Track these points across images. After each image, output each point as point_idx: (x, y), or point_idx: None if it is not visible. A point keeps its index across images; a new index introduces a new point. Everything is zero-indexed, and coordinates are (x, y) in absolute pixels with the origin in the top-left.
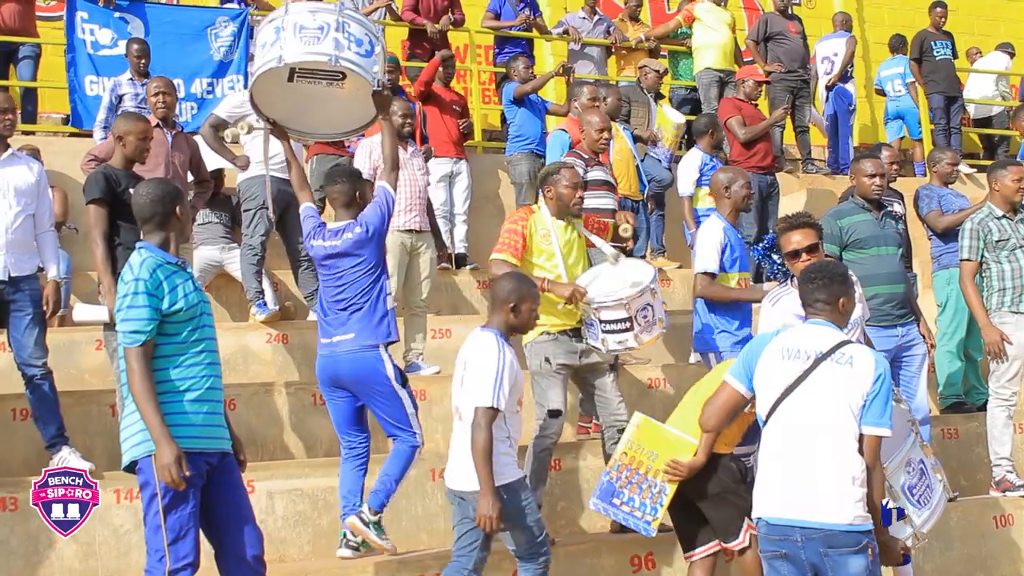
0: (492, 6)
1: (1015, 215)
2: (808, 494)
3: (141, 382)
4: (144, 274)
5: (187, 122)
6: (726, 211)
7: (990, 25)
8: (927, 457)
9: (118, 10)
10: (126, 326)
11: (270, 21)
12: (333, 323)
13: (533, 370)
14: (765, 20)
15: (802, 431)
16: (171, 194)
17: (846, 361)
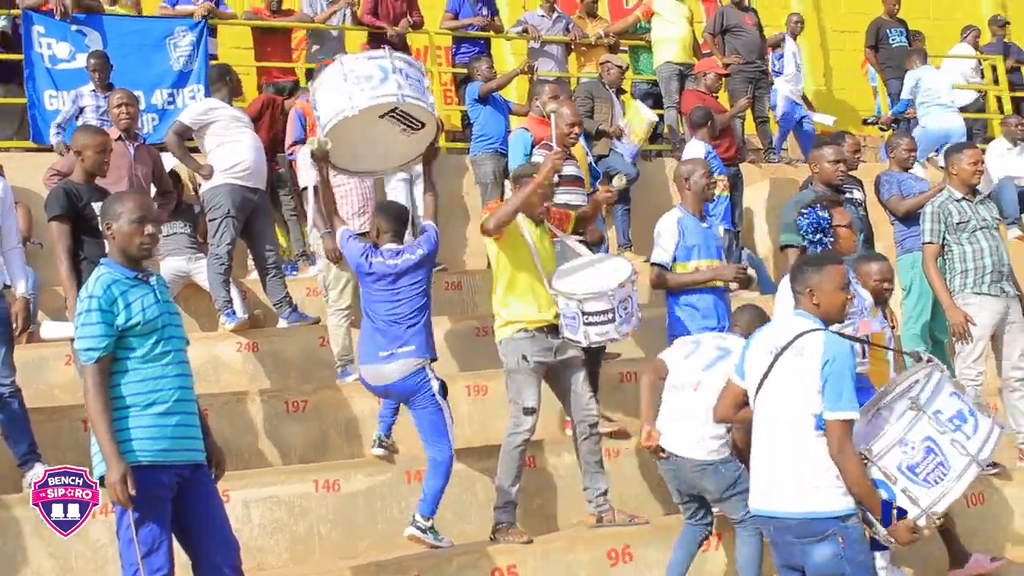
0: (450, 6)
1: (974, 197)
2: (771, 485)
3: (95, 400)
4: (98, 291)
5: (149, 133)
6: (688, 202)
7: (945, 11)
8: (944, 432)
9: (75, 23)
10: (81, 343)
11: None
12: (388, 336)
13: (510, 367)
14: (721, 13)
15: (767, 424)
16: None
17: (798, 352)
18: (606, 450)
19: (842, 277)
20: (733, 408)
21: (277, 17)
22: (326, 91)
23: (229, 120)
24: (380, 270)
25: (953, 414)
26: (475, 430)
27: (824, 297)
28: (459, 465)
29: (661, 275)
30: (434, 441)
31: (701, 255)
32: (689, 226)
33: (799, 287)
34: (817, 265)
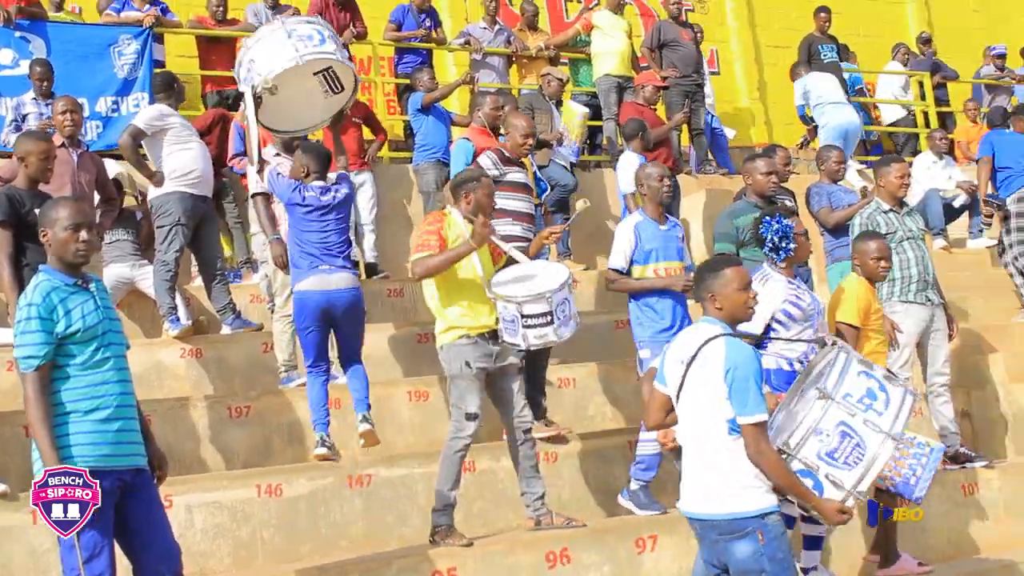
0: (394, 17)
1: (901, 208)
2: (692, 488)
3: (35, 407)
4: (37, 299)
5: (93, 141)
6: (646, 205)
7: (873, 27)
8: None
9: (19, 29)
10: (20, 351)
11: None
12: (326, 262)
13: (452, 373)
14: (659, 28)
15: (684, 432)
16: (41, 216)
17: (704, 363)
18: (545, 454)
19: (742, 278)
20: (662, 413)
21: (222, 26)
22: (268, 45)
23: (180, 128)
24: (313, 202)
25: (863, 394)
26: (416, 435)
27: (725, 300)
28: (400, 470)
29: (616, 279)
30: (357, 356)
31: (659, 258)
32: (647, 230)
33: (701, 293)
34: (714, 270)
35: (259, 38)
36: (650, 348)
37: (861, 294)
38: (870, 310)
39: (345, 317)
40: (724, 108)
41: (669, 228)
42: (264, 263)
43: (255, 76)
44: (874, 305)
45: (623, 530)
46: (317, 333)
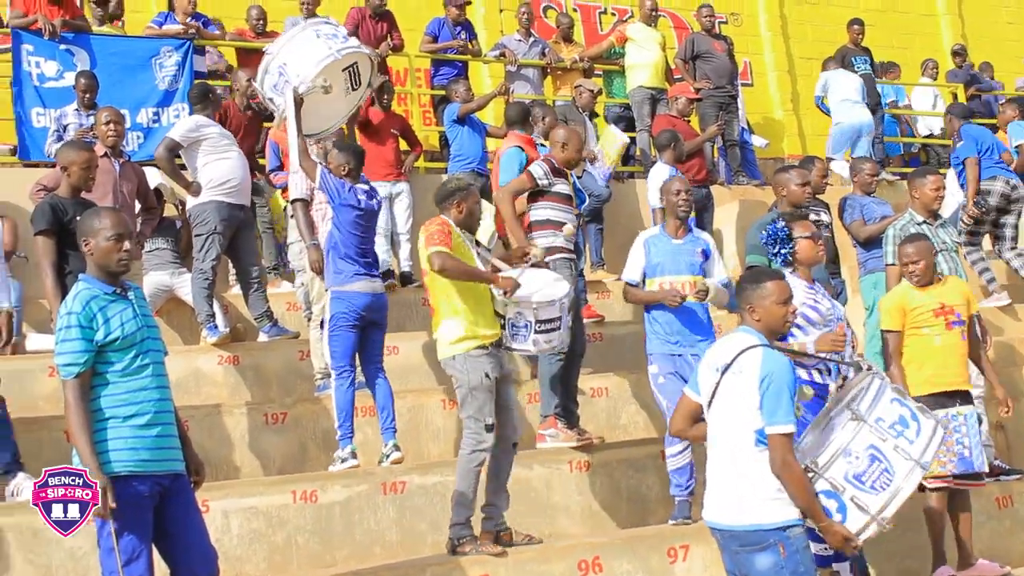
0: (429, 29)
1: (935, 220)
2: (715, 498)
3: (75, 414)
4: (77, 307)
5: (133, 151)
6: (667, 218)
7: (905, 39)
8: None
9: (63, 42)
10: (60, 359)
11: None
12: (366, 267)
13: (472, 384)
14: (692, 40)
15: (713, 441)
16: (81, 227)
17: (739, 371)
18: (578, 463)
19: (782, 291)
20: (687, 422)
21: (261, 38)
22: (299, 47)
23: (218, 137)
24: (366, 207)
25: (895, 420)
26: (449, 443)
27: (764, 312)
28: (435, 477)
29: (625, 290)
30: (380, 365)
31: (665, 272)
32: (658, 244)
33: (741, 304)
34: (755, 282)
35: (285, 42)
36: (657, 363)
37: (896, 296)
38: (907, 308)
39: (381, 321)
40: (757, 119)
41: (685, 242)
42: (301, 271)
43: (293, 77)
44: (915, 301)
45: (655, 539)
46: (354, 335)
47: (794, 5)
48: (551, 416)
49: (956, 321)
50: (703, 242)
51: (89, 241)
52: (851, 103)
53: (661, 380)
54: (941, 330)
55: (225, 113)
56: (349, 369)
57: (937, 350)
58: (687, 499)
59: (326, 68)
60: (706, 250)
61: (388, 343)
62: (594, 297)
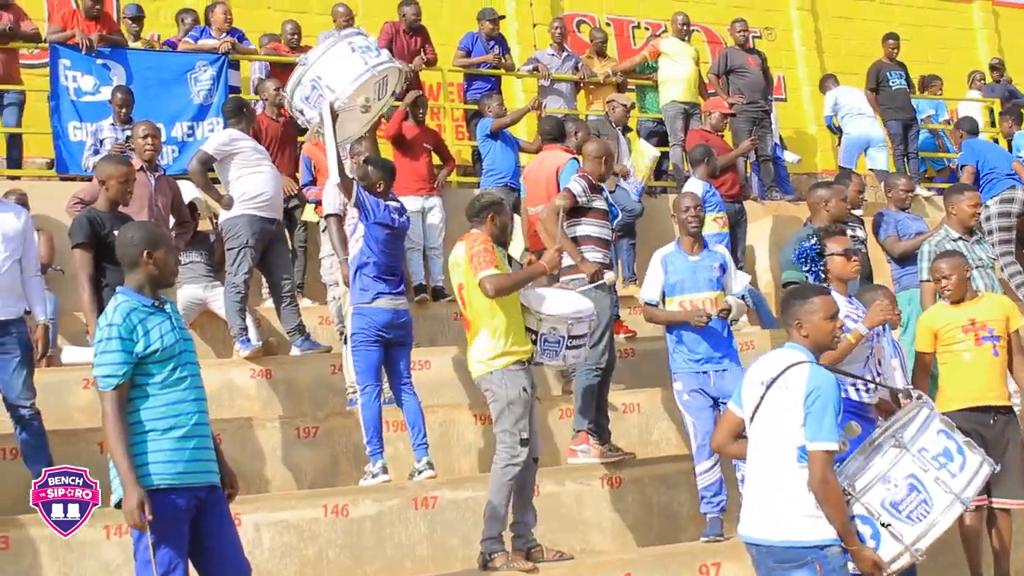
0: (463, 44)
1: (971, 237)
2: (753, 513)
3: (113, 426)
4: (117, 319)
5: (168, 165)
6: (680, 235)
7: (943, 53)
8: (927, 470)
9: (100, 57)
10: (100, 371)
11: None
12: (391, 285)
13: (511, 399)
14: (725, 55)
15: (753, 455)
16: (144, 239)
17: (785, 386)
18: (610, 479)
19: (829, 307)
20: (728, 437)
21: (296, 52)
22: (333, 60)
23: (251, 152)
24: (401, 225)
25: (939, 451)
26: (481, 458)
27: (812, 328)
28: (466, 492)
29: (645, 310)
30: (407, 381)
31: (686, 290)
32: (675, 262)
33: (788, 319)
34: (803, 297)
35: (319, 54)
36: (682, 380)
37: (926, 317)
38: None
39: (404, 339)
40: (789, 134)
41: (702, 258)
42: (334, 285)
43: (327, 92)
44: (943, 320)
45: (687, 556)
46: (377, 350)
47: (828, 20)
48: (583, 431)
49: (987, 337)
50: (720, 256)
51: (153, 253)
52: (859, 116)
53: (686, 397)
54: (970, 346)
55: (259, 126)
56: (374, 385)
57: (967, 365)
58: (719, 516)
59: (363, 85)
60: (723, 264)
61: (420, 357)
62: (626, 312)
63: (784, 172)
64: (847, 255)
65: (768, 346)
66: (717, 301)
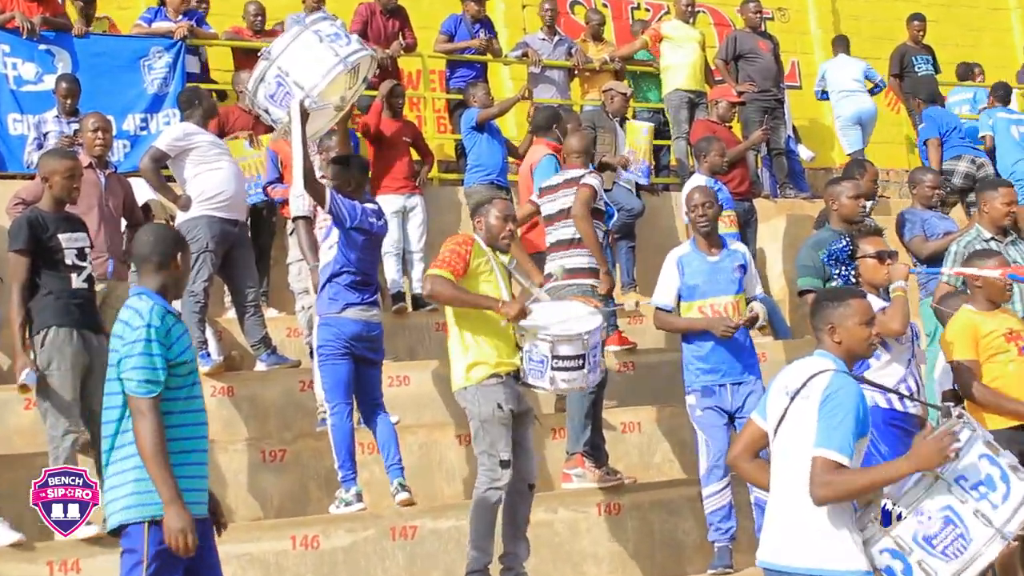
0: (445, 27)
1: (1005, 237)
2: (775, 535)
3: (155, 437)
4: (156, 320)
5: (119, 161)
6: (695, 234)
7: (974, 36)
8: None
9: (43, 42)
10: (138, 374)
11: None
12: (364, 295)
13: (483, 416)
14: (734, 38)
15: (777, 472)
16: (173, 238)
17: (807, 395)
18: (608, 505)
19: (865, 311)
20: (748, 451)
21: (260, 37)
22: (300, 51)
23: (208, 146)
24: (377, 229)
25: (980, 480)
26: (466, 483)
27: (846, 333)
28: (448, 521)
29: (657, 317)
30: (378, 401)
31: (705, 295)
32: (692, 263)
33: (819, 324)
34: (837, 299)
35: (283, 47)
36: (696, 394)
37: (964, 324)
38: (978, 335)
39: (375, 353)
40: (804, 125)
41: (721, 259)
42: (303, 293)
43: (295, 89)
44: (986, 327)
45: None
46: (346, 364)
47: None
48: (578, 454)
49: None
50: (740, 255)
51: (176, 257)
52: (849, 94)
53: (699, 413)
54: (1014, 355)
55: (226, 119)
56: (344, 403)
57: (1012, 377)
58: (727, 545)
59: (336, 80)
60: (744, 264)
61: (399, 372)
62: (625, 322)
63: (799, 167)
64: (880, 258)
65: (782, 358)
66: (738, 306)
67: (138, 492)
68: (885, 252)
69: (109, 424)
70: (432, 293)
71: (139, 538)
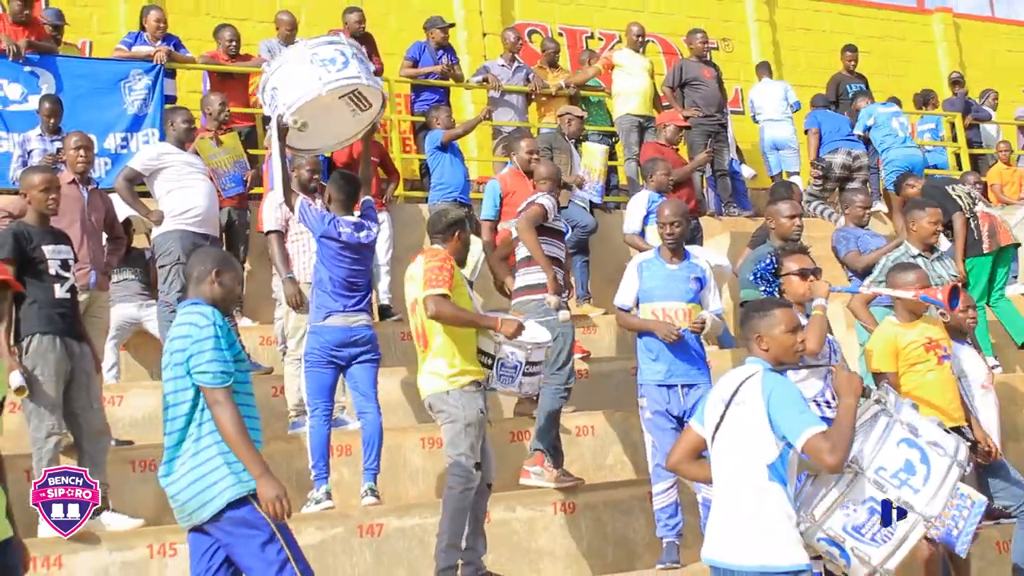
0: (410, 53)
1: (931, 254)
2: (719, 535)
3: (236, 420)
4: (220, 320)
5: (101, 178)
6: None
7: (902, 66)
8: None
9: (28, 64)
10: (213, 367)
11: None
12: (347, 299)
13: (468, 421)
14: (680, 67)
15: (718, 476)
16: (213, 258)
17: (742, 400)
18: (563, 504)
19: (790, 320)
20: (688, 456)
21: (235, 61)
22: (291, 71)
23: (181, 166)
24: (349, 239)
25: (900, 467)
26: (429, 484)
27: (772, 342)
28: (413, 520)
29: (618, 315)
30: (370, 398)
31: (657, 298)
32: (651, 268)
33: (748, 333)
34: (763, 310)
35: (281, 63)
36: (648, 396)
37: (885, 336)
38: (898, 347)
39: (364, 355)
40: (747, 148)
41: (680, 268)
42: (280, 304)
43: (279, 106)
44: (906, 338)
45: None
46: (329, 372)
47: (787, 31)
48: (540, 452)
49: (945, 356)
50: (699, 269)
51: (223, 275)
52: (772, 121)
53: (649, 415)
54: (934, 365)
55: None
56: (323, 407)
57: (932, 385)
58: (675, 541)
59: (307, 104)
60: (701, 278)
61: None
62: (580, 332)
63: (742, 187)
64: (803, 275)
65: (729, 366)
66: (691, 314)
67: (234, 472)
68: (808, 269)
69: (177, 420)
70: (437, 314)
71: (253, 512)
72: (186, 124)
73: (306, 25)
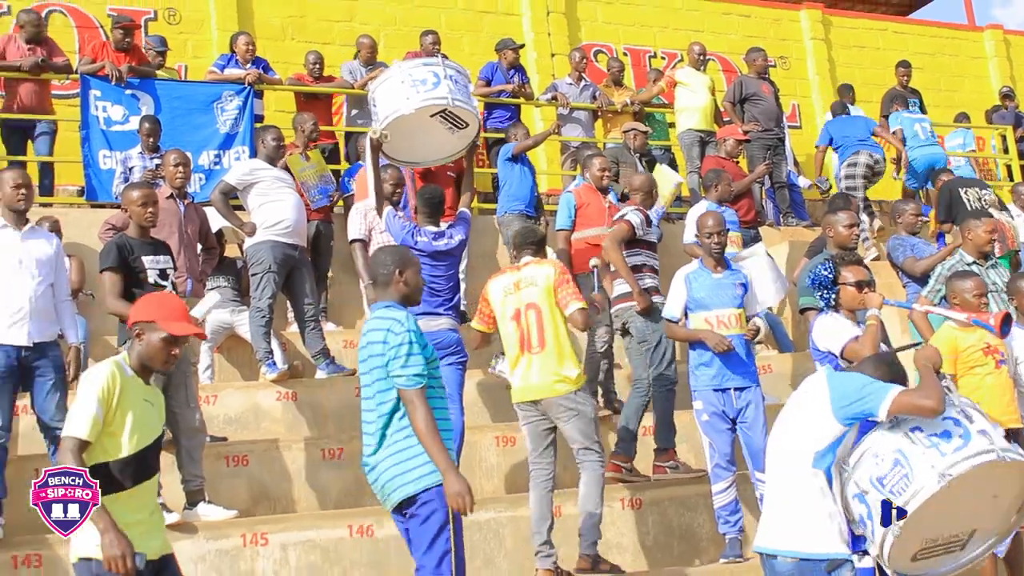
0: (483, 73)
1: (985, 262)
2: (765, 522)
3: (428, 418)
4: (413, 326)
5: (196, 192)
6: (704, 255)
7: (954, 81)
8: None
9: (129, 87)
10: (410, 370)
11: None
12: (431, 304)
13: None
14: (740, 83)
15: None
16: (395, 259)
17: (797, 401)
18: (630, 500)
19: None
20: None
21: (319, 83)
22: (386, 90)
23: (272, 180)
24: (425, 247)
25: (936, 432)
26: (503, 480)
27: None
28: (488, 514)
29: (667, 328)
30: (454, 399)
31: (709, 306)
32: (698, 279)
33: None
34: None
35: (383, 79)
36: (702, 399)
37: (944, 340)
38: (957, 350)
39: (447, 357)
40: (805, 162)
41: (725, 276)
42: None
43: (375, 120)
44: (965, 342)
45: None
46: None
47: (842, 49)
48: (671, 449)
49: (1003, 360)
50: (742, 275)
51: (405, 272)
52: None
53: (705, 418)
54: (992, 368)
55: None
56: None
57: (991, 388)
58: (737, 537)
59: (396, 121)
60: (745, 283)
61: None
62: None
63: (800, 198)
64: (859, 286)
65: (788, 370)
66: (740, 318)
67: (425, 463)
68: (864, 281)
69: (381, 418)
70: (588, 326)
71: (438, 500)
72: (275, 142)
73: (385, 48)
